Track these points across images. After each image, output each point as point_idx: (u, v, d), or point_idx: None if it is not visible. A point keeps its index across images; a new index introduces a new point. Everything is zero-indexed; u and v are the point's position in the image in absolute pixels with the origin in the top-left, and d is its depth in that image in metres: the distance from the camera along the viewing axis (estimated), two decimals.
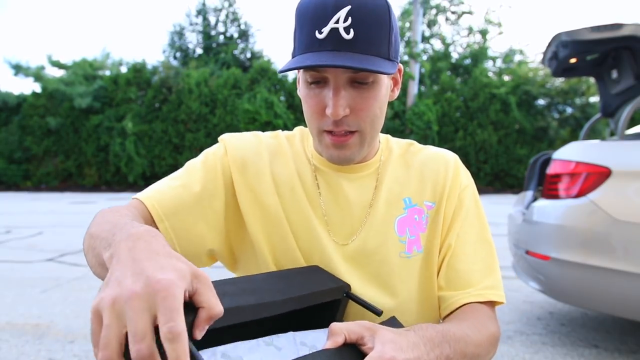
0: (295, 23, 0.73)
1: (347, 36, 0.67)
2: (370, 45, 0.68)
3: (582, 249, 2.27)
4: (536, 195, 3.00)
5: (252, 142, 0.88)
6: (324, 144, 0.77)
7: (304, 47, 0.70)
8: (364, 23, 0.67)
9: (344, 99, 0.71)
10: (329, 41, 0.67)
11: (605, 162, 2.28)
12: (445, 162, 0.87)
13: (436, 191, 0.84)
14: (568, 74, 3.42)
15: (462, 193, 0.85)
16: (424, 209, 0.84)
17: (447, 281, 0.82)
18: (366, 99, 0.72)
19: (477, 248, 0.83)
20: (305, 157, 0.87)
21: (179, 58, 20.28)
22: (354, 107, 0.72)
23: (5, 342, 2.56)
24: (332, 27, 0.67)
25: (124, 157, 16.15)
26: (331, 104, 0.70)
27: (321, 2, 0.68)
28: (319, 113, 0.74)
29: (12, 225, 7.33)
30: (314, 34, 0.68)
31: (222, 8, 20.62)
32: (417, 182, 0.85)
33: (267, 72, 16.63)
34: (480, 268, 0.82)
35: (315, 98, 0.74)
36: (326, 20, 0.67)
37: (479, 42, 20.05)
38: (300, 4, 0.72)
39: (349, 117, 0.73)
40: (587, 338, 2.68)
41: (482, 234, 0.85)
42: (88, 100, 16.33)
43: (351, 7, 0.66)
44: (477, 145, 15.89)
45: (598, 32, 2.68)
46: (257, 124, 15.66)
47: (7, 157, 16.87)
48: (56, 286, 3.72)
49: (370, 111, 0.73)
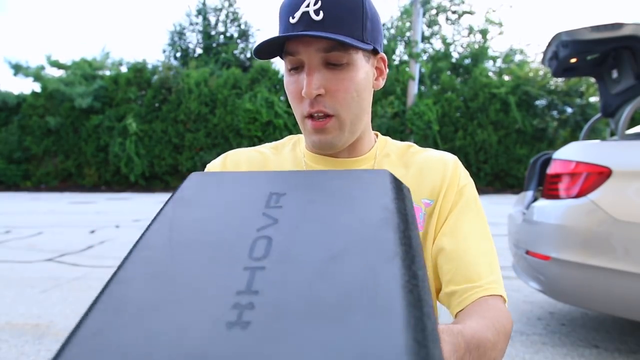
0: (278, 16, 0.77)
1: (317, 17, 0.71)
2: (340, 25, 0.71)
3: (582, 249, 2.27)
4: (536, 195, 3.00)
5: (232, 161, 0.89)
6: (306, 131, 0.79)
7: (280, 32, 0.75)
8: (333, 6, 0.71)
9: (317, 79, 0.74)
10: (300, 24, 0.72)
11: (605, 162, 2.28)
12: (444, 162, 0.86)
13: (434, 190, 0.84)
14: (568, 74, 3.42)
15: (462, 189, 0.85)
16: (421, 207, 0.83)
17: (456, 274, 0.78)
18: (341, 80, 0.74)
19: (482, 243, 0.83)
20: (296, 161, 0.87)
21: (179, 58, 20.28)
22: (329, 88, 0.75)
23: (5, 342, 2.56)
24: (303, 10, 0.71)
25: (124, 157, 16.15)
26: (305, 84, 0.74)
27: None
28: (298, 97, 0.77)
29: (12, 225, 7.33)
30: (288, 19, 0.73)
31: (222, 8, 20.62)
32: (415, 181, 0.84)
33: (267, 72, 16.63)
34: (486, 262, 0.81)
35: (295, 84, 0.77)
36: (298, 6, 0.72)
37: (479, 42, 20.05)
38: (281, 3, 0.77)
39: (324, 97, 0.75)
40: (587, 338, 2.68)
41: (484, 231, 0.84)
42: (89, 100, 16.34)
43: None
44: (477, 145, 15.89)
45: (598, 32, 2.68)
46: (257, 124, 15.67)
47: (6, 157, 16.88)
48: (56, 286, 3.72)
49: (346, 93, 0.75)
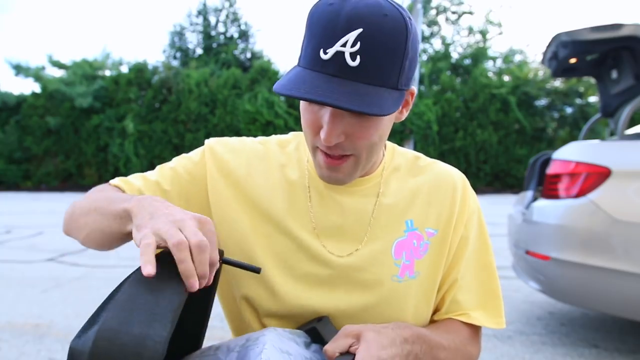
0: (305, 28, 0.67)
1: (353, 63, 0.61)
2: (376, 74, 0.63)
3: (582, 249, 2.27)
4: (536, 195, 3.00)
5: (235, 148, 0.85)
6: (316, 162, 0.74)
7: (307, 61, 0.65)
8: (373, 50, 0.61)
9: (340, 126, 0.66)
10: (333, 64, 0.62)
11: (605, 162, 2.28)
12: (453, 186, 0.83)
13: (441, 219, 0.81)
14: (568, 74, 3.42)
15: (469, 222, 0.83)
16: (423, 236, 0.80)
17: (447, 310, 0.82)
18: (365, 128, 0.67)
19: (478, 274, 0.83)
20: (300, 166, 0.84)
21: (179, 58, 20.28)
22: (351, 134, 0.68)
23: (5, 342, 2.56)
24: (338, 50, 0.61)
25: (123, 158, 16.16)
26: (325, 129, 0.66)
27: (333, 17, 0.62)
28: (315, 131, 0.69)
29: (12, 225, 7.33)
30: (319, 52, 0.63)
31: (223, 8, 20.62)
32: (422, 206, 0.81)
33: (267, 72, 16.63)
34: (478, 295, 0.82)
35: (313, 115, 0.69)
36: (333, 41, 0.61)
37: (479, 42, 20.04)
38: (313, 9, 0.66)
39: (344, 142, 0.68)
40: (587, 338, 2.68)
41: (484, 259, 0.84)
42: (89, 100, 16.34)
43: (363, 30, 0.60)
44: (477, 145, 15.89)
45: (598, 32, 2.68)
46: (257, 124, 15.67)
47: (7, 157, 16.87)
48: (56, 286, 3.72)
49: (368, 140, 0.69)
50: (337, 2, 0.63)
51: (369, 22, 0.61)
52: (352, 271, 0.78)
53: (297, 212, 0.80)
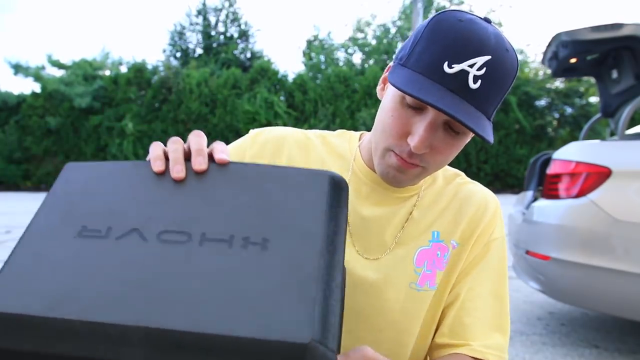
0: (426, 33, 0.67)
1: (474, 85, 0.63)
2: (486, 102, 0.66)
3: (582, 249, 2.27)
4: (536, 195, 3.00)
5: (276, 136, 0.85)
6: (385, 161, 0.73)
7: (425, 68, 0.65)
8: (493, 79, 0.64)
9: (431, 137, 0.68)
10: (454, 81, 0.63)
11: (605, 162, 2.28)
12: (484, 207, 0.83)
13: (465, 233, 0.81)
14: (568, 74, 3.42)
15: (490, 244, 0.82)
16: (448, 248, 0.80)
17: (451, 330, 0.80)
18: (450, 146, 0.70)
19: (489, 303, 0.80)
20: (344, 159, 0.83)
21: (179, 58, 20.29)
22: (436, 148, 0.69)
23: None
24: (465, 68, 0.63)
25: (122, 158, 16.16)
26: (418, 137, 0.66)
27: (466, 36, 0.64)
28: (400, 135, 0.70)
29: (12, 225, 7.33)
30: (443, 64, 0.63)
31: (223, 8, 20.64)
32: (451, 219, 0.82)
33: (267, 72, 16.63)
34: (487, 324, 0.79)
35: (404, 120, 0.69)
36: (462, 58, 0.63)
37: None
38: (442, 19, 0.67)
39: (425, 154, 0.70)
40: (587, 338, 2.68)
41: (498, 290, 0.82)
42: (87, 100, 16.34)
43: (491, 58, 0.63)
44: (478, 145, 15.89)
45: (598, 32, 2.68)
46: (256, 124, 15.67)
47: (6, 157, 16.88)
48: None
49: (447, 157, 0.71)
50: (466, 21, 0.66)
51: (496, 52, 0.64)
52: (374, 274, 0.78)
53: None
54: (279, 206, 0.48)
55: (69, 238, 0.46)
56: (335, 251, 0.46)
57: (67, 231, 0.46)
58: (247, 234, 0.45)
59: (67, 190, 0.52)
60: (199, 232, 0.45)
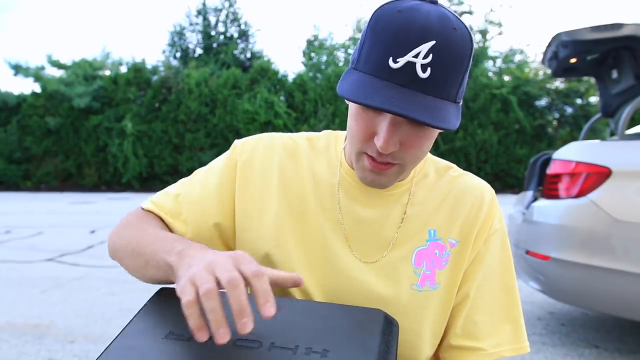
0: (368, 33, 0.65)
1: (423, 75, 0.61)
2: (443, 87, 0.63)
3: (582, 249, 2.27)
4: (536, 195, 3.00)
5: (265, 144, 0.85)
6: (360, 165, 0.73)
7: (372, 68, 0.64)
8: (443, 63, 0.61)
9: (397, 134, 0.66)
10: (402, 75, 0.61)
11: (605, 162, 2.28)
12: (480, 200, 0.81)
13: (463, 230, 0.80)
14: (568, 74, 3.42)
15: (490, 238, 0.81)
16: (446, 246, 0.79)
17: (464, 331, 0.79)
18: (420, 138, 0.68)
19: (498, 296, 0.80)
20: (331, 166, 0.83)
21: (179, 58, 20.29)
22: (405, 143, 0.68)
23: (5, 342, 2.56)
24: (410, 60, 0.61)
25: (121, 158, 16.17)
26: (383, 137, 0.65)
27: (405, 26, 0.61)
28: (366, 138, 0.69)
29: (12, 225, 7.33)
30: (388, 60, 0.62)
31: (222, 8, 20.62)
32: (447, 216, 0.80)
33: (267, 72, 16.63)
34: (498, 318, 0.79)
35: (367, 121, 0.68)
36: (405, 51, 0.61)
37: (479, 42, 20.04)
38: (380, 14, 0.65)
39: (397, 151, 0.68)
40: (587, 338, 2.68)
41: (505, 280, 0.81)
42: (87, 100, 16.34)
43: (436, 42, 0.61)
44: (478, 145, 15.90)
45: (598, 32, 2.68)
46: (256, 124, 15.67)
47: (7, 157, 16.88)
48: (56, 286, 3.72)
49: (420, 149, 0.70)
50: (405, 10, 0.63)
51: (441, 35, 0.61)
52: (374, 278, 0.77)
53: (325, 209, 0.80)
54: (338, 328, 0.60)
55: (158, 339, 0.57)
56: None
57: (157, 333, 0.58)
58: (310, 345, 0.55)
59: (158, 304, 0.64)
60: (269, 341, 0.55)
